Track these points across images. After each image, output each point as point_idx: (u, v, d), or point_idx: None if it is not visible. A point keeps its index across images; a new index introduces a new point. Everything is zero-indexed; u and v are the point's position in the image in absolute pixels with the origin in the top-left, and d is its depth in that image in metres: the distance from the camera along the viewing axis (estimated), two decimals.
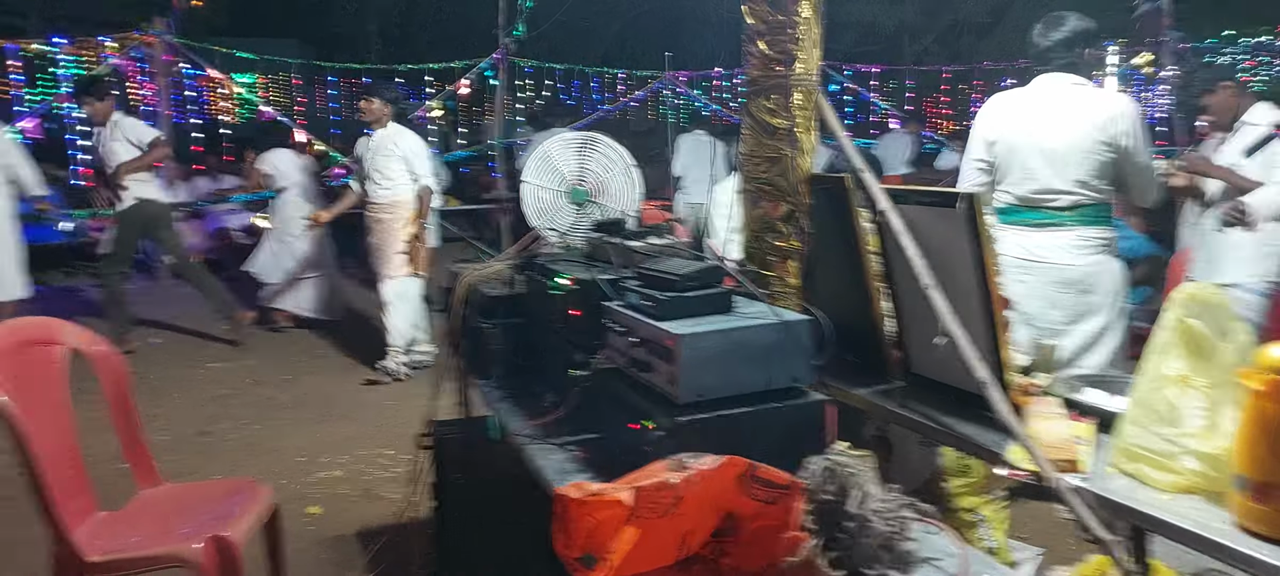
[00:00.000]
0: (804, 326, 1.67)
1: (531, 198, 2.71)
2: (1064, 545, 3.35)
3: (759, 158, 2.36)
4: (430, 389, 2.89)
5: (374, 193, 5.93)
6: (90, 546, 2.27)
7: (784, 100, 2.29)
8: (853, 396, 2.21)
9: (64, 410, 2.51)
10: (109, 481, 3.92)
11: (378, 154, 5.88)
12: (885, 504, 1.37)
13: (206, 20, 18.02)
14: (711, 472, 1.37)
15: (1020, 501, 3.61)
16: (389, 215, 5.89)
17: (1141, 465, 1.67)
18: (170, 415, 5.16)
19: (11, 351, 2.38)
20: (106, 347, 2.70)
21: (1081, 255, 3.17)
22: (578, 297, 1.98)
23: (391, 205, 5.88)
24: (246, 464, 4.39)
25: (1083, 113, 3.11)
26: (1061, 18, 3.22)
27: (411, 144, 5.91)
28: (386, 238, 5.91)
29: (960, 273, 1.97)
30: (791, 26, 2.26)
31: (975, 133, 3.38)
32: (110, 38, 9.64)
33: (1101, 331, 3.21)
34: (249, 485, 2.68)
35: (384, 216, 5.91)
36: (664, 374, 1.60)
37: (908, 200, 2.10)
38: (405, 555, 3.29)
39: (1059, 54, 3.20)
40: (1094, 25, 3.23)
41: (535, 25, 8.94)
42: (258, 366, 6.27)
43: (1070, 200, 3.14)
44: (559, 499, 1.36)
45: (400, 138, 5.90)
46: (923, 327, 2.08)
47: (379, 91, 6.06)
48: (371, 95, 6.00)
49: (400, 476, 4.11)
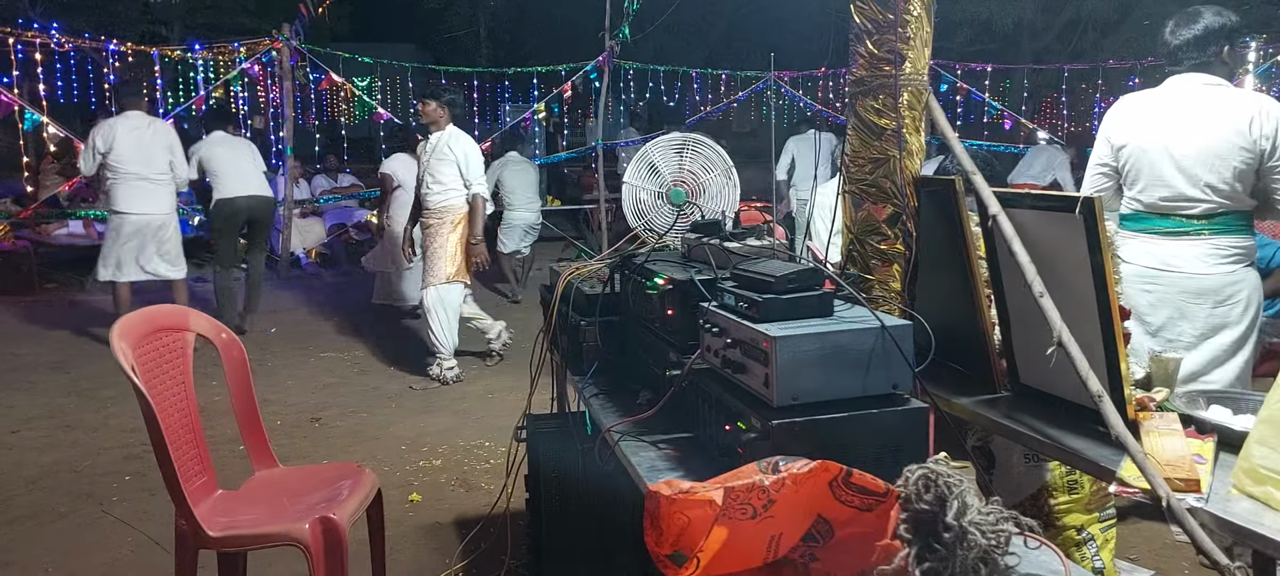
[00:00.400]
0: (905, 332, 1.63)
1: (631, 198, 2.74)
2: (1176, 568, 3.20)
3: (864, 159, 2.32)
4: (527, 384, 2.95)
5: (426, 197, 5.79)
6: (210, 521, 2.41)
7: (891, 100, 2.24)
8: (955, 405, 2.15)
9: (188, 393, 2.66)
10: (228, 462, 4.18)
11: (433, 157, 5.75)
12: (985, 516, 1.32)
13: (331, 27, 18.90)
14: (804, 476, 1.35)
15: (1131, 521, 3.45)
16: (438, 220, 5.76)
17: (1269, 487, 1.56)
18: (284, 401, 5.42)
19: (147, 337, 2.54)
20: (230, 336, 2.85)
21: (1217, 265, 2.99)
22: (674, 297, 1.99)
23: (442, 210, 5.75)
24: (352, 449, 4.58)
25: (1218, 115, 2.93)
26: (1196, 14, 3.02)
27: (466, 148, 5.76)
28: (434, 242, 5.77)
29: (1076, 280, 1.89)
30: (901, 25, 2.21)
31: (1101, 135, 3.23)
32: (241, 44, 10.19)
33: (1234, 345, 3.03)
34: (355, 470, 2.78)
35: (433, 221, 5.78)
36: (759, 376, 1.59)
37: (1020, 204, 2.03)
38: (499, 544, 3.37)
39: (1191, 53, 3.02)
40: (1233, 21, 3.01)
41: (641, 27, 9.00)
42: (365, 357, 6.52)
43: (1204, 208, 2.97)
44: (651, 495, 1.36)
45: (455, 141, 5.75)
46: (1033, 337, 2.01)
47: (436, 93, 5.89)
48: (428, 97, 5.84)
49: (496, 468, 4.21)
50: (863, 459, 1.48)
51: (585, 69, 10.10)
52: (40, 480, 4.15)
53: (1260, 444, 1.60)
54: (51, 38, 9.11)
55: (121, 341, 2.37)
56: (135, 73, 10.15)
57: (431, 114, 5.77)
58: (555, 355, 2.74)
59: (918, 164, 2.29)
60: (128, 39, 11.65)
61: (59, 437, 4.75)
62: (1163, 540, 3.36)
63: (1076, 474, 2.69)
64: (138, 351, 2.45)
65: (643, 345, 2.21)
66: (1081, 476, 2.70)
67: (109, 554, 3.42)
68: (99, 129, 6.37)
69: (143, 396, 2.29)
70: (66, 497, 3.95)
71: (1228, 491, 1.63)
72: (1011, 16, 16.34)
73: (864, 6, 2.27)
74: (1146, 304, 3.10)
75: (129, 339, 2.43)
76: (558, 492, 2.78)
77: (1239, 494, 1.62)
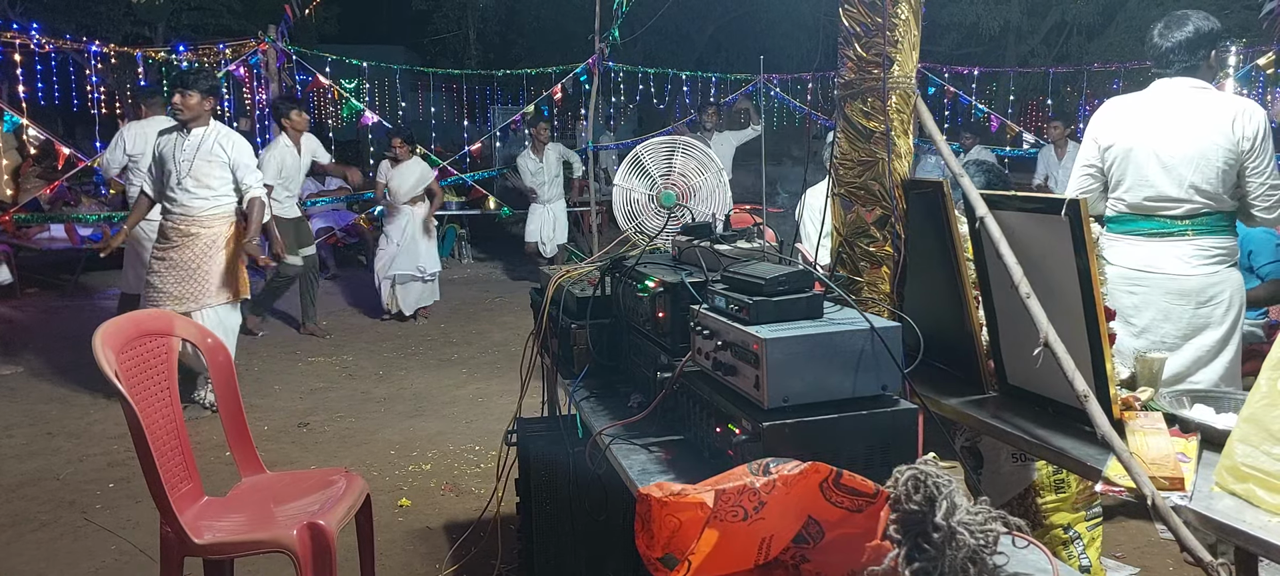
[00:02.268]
0: (894, 333, 1.63)
1: (621, 200, 2.74)
2: (1162, 566, 3.23)
3: (853, 161, 2.33)
4: (518, 388, 2.95)
5: (187, 202, 4.98)
6: (196, 529, 2.39)
7: (880, 103, 2.25)
8: (944, 406, 2.16)
9: (173, 398, 2.64)
10: (215, 469, 4.15)
11: (198, 156, 4.94)
12: (973, 516, 1.32)
13: (318, 28, 18.81)
14: (794, 478, 1.35)
15: (1117, 519, 3.48)
16: (204, 229, 5.02)
17: (1251, 485, 1.58)
18: (271, 406, 5.39)
19: (131, 342, 2.52)
20: (215, 341, 2.83)
21: (1200, 265, 3.02)
22: (665, 300, 1.99)
23: (211, 218, 5.03)
24: (341, 455, 4.56)
25: (1203, 117, 2.96)
26: (1183, 18, 3.06)
27: (239, 145, 5.07)
28: (205, 257, 4.99)
29: (1062, 281, 1.90)
30: (889, 28, 2.22)
31: (1087, 137, 3.26)
32: (227, 45, 10.14)
33: (1218, 345, 3.06)
34: (344, 475, 2.77)
35: (195, 231, 5.00)
36: (750, 378, 1.59)
37: (1007, 206, 2.04)
38: (489, 549, 3.36)
39: (1180, 56, 3.05)
40: (1218, 26, 3.07)
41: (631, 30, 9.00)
42: (353, 362, 6.50)
43: (1187, 209, 3.00)
44: (642, 498, 1.36)
45: (226, 138, 5.04)
46: (1020, 337, 2.02)
47: (198, 81, 5.00)
48: (187, 87, 4.95)
49: (486, 472, 4.20)
50: (853, 460, 1.48)
51: (575, 71, 10.10)
52: (21, 488, 4.11)
53: (1242, 442, 1.62)
54: (32, 38, 9.03)
55: (105, 347, 2.36)
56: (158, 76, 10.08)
57: (193, 107, 4.95)
58: (546, 358, 2.74)
59: (906, 166, 2.30)
60: (111, 40, 11.57)
61: (40, 445, 4.71)
62: (1148, 538, 3.39)
63: (1063, 473, 2.71)
64: (122, 357, 2.43)
65: (634, 348, 2.21)
66: (1068, 475, 2.72)
67: (93, 563, 3.40)
68: (128, 129, 6.53)
69: (127, 402, 2.27)
70: (48, 506, 3.91)
71: (1211, 489, 1.65)
72: (998, 20, 16.45)
73: (852, 10, 2.28)
74: (1131, 305, 3.12)
75: (113, 344, 2.41)
76: (549, 496, 2.77)
77: (1222, 491, 1.63)
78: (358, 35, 22.18)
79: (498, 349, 6.84)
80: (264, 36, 9.65)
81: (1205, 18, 3.06)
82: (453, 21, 20.89)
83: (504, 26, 21.10)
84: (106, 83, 11.68)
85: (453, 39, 21.12)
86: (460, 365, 6.33)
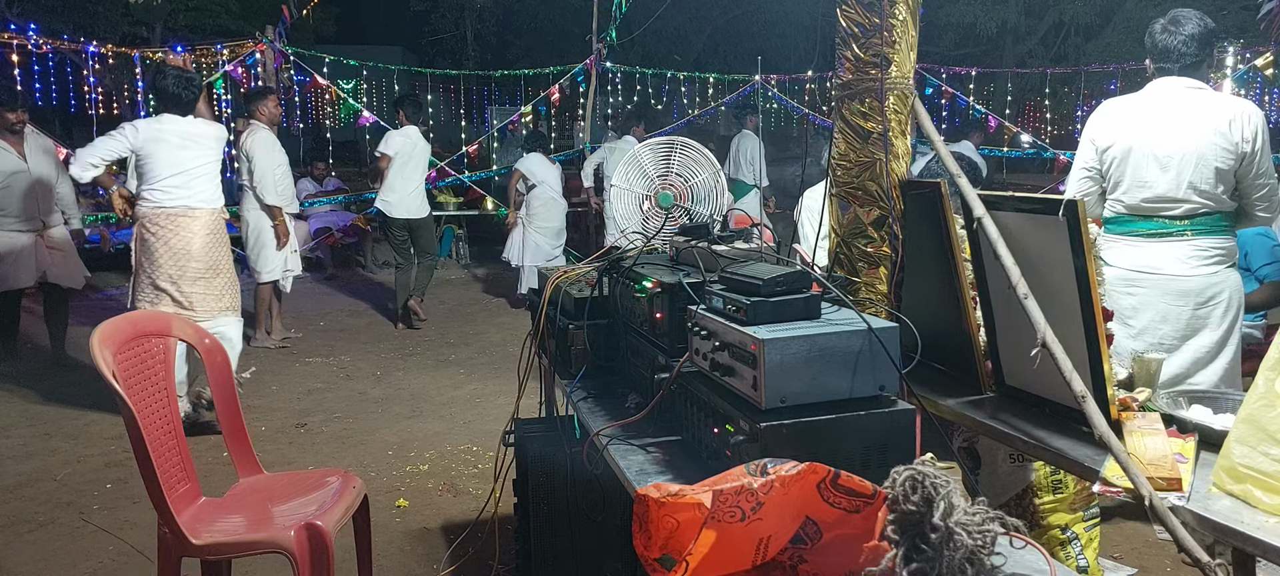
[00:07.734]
0: (892, 334, 1.63)
1: (619, 201, 2.73)
2: (1159, 566, 3.23)
3: (851, 162, 2.33)
4: (515, 388, 2.95)
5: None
6: (194, 529, 2.39)
7: (877, 104, 2.25)
8: (941, 407, 2.16)
9: (171, 399, 2.64)
10: (212, 469, 4.15)
11: None
12: (971, 517, 1.32)
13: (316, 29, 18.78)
14: (792, 478, 1.35)
15: (1114, 520, 3.48)
16: None
17: (1248, 486, 1.58)
18: (269, 407, 5.39)
19: (129, 342, 2.52)
20: (213, 342, 2.83)
21: (1198, 266, 3.03)
22: (662, 300, 1.99)
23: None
24: (339, 456, 4.55)
25: (1201, 117, 2.97)
26: (1182, 18, 3.06)
27: None
28: None
29: (1059, 282, 1.90)
30: (887, 29, 2.22)
31: (1085, 139, 3.26)
32: (224, 45, 10.12)
33: (1216, 346, 3.06)
34: (341, 476, 2.76)
35: None
36: (747, 378, 1.59)
37: (1005, 207, 2.04)
38: (487, 549, 3.36)
39: (1178, 56, 3.05)
40: (1214, 26, 3.08)
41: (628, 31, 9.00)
42: (351, 363, 6.49)
43: (1186, 209, 3.00)
44: (640, 499, 1.36)
45: None
46: (1017, 338, 2.02)
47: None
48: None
49: (484, 473, 4.20)
50: (850, 460, 1.48)
51: (572, 72, 10.10)
52: (19, 489, 4.11)
53: (1240, 443, 1.62)
54: (29, 39, 9.01)
55: (103, 347, 2.35)
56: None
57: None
58: (543, 359, 2.74)
59: (904, 167, 2.30)
60: (108, 40, 11.55)
61: (37, 445, 4.70)
62: (1145, 538, 3.40)
63: (1061, 474, 2.71)
64: (119, 357, 2.43)
65: (631, 348, 2.21)
66: (1066, 476, 2.72)
67: (90, 563, 3.39)
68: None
69: (124, 402, 2.27)
70: (46, 506, 3.91)
71: (1208, 490, 1.65)
72: (996, 21, 16.44)
73: (850, 11, 2.28)
74: (1129, 306, 3.12)
75: (111, 345, 2.40)
76: (546, 497, 2.77)
77: (1219, 492, 1.63)
78: (355, 36, 22.18)
79: (495, 349, 6.84)
80: (261, 37, 9.64)
81: (1202, 18, 3.07)
82: (450, 22, 20.87)
83: (501, 27, 21.08)
84: (104, 83, 11.66)
85: (450, 39, 21.10)
86: (458, 366, 6.33)
